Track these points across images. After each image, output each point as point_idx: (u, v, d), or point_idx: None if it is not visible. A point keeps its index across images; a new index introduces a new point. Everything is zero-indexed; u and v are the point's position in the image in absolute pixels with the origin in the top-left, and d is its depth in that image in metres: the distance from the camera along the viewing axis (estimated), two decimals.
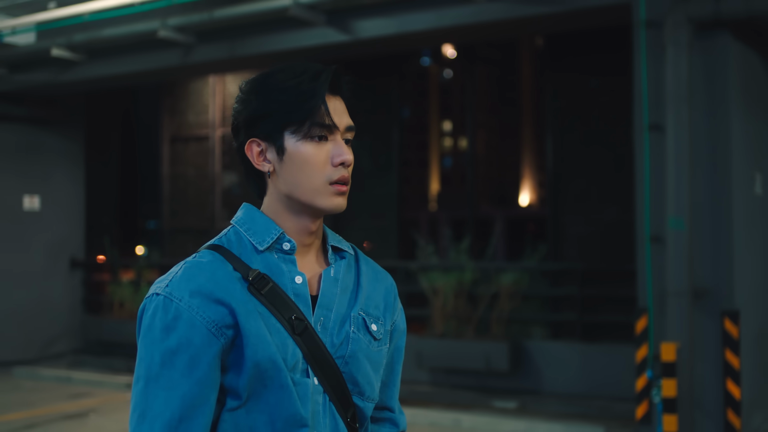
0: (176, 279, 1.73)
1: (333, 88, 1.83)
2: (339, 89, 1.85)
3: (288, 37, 9.78)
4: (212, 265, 1.75)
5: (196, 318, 1.69)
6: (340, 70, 1.84)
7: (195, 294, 1.70)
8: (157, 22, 10.02)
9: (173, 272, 1.77)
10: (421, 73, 11.96)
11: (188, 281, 1.72)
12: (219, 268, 1.75)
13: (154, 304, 1.72)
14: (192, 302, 1.70)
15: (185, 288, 1.71)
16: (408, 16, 9.11)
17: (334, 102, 1.82)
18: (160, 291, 1.73)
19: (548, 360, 10.06)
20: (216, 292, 1.71)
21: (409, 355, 10.54)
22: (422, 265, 10.86)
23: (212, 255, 1.78)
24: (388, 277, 2.02)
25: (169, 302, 1.70)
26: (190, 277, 1.73)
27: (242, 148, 1.83)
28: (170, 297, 1.71)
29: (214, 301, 1.70)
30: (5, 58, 11.51)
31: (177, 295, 1.70)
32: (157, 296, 1.72)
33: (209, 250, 1.80)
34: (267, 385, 1.72)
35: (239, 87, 1.87)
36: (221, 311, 1.70)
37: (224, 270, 1.75)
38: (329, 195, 1.79)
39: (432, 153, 11.58)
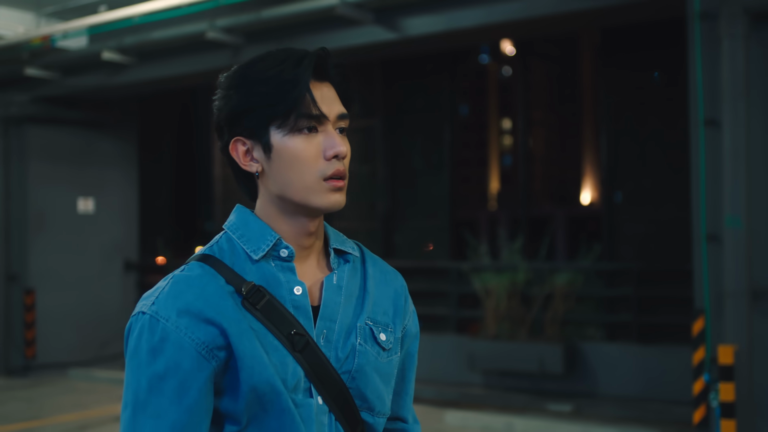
0: (163, 296, 1.59)
1: (319, 74, 1.67)
2: (326, 74, 1.68)
3: (336, 36, 9.70)
4: (202, 279, 1.61)
5: (185, 339, 1.55)
6: (325, 53, 1.68)
7: (183, 313, 1.56)
8: (205, 24, 10.02)
9: (160, 288, 1.63)
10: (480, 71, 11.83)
11: (176, 298, 1.58)
12: (209, 282, 1.61)
13: (140, 324, 1.58)
14: (180, 322, 1.56)
15: (172, 306, 1.57)
16: (456, 13, 8.97)
17: (321, 89, 1.65)
18: (146, 309, 1.59)
19: (604, 362, 9.85)
20: (206, 311, 1.57)
21: (461, 356, 10.41)
22: (474, 266, 10.71)
23: (202, 268, 1.63)
24: (397, 277, 1.87)
25: (155, 322, 1.56)
26: (177, 293, 1.59)
27: (227, 148, 1.69)
28: (156, 316, 1.57)
29: (204, 321, 1.56)
30: (58, 63, 11.60)
31: (164, 315, 1.56)
32: (142, 315, 1.59)
33: (199, 262, 1.65)
34: (267, 410, 1.58)
35: (218, 82, 1.71)
36: (212, 331, 1.56)
37: (215, 284, 1.60)
38: (324, 192, 1.64)
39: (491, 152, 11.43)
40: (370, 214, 12.46)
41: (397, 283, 1.85)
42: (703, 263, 7.31)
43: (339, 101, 1.69)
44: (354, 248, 1.80)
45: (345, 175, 1.66)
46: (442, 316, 11.26)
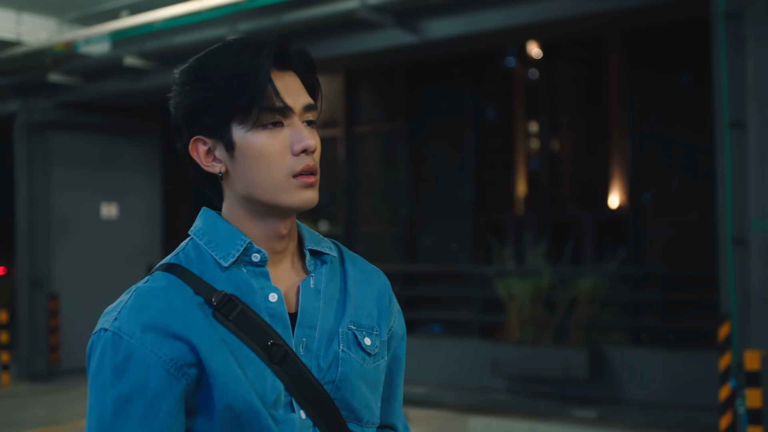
0: (126, 310, 1.47)
1: (282, 63, 1.55)
2: (290, 63, 1.57)
3: (357, 40, 9.66)
4: (167, 291, 1.49)
5: (151, 357, 1.44)
6: (286, 40, 1.57)
7: (148, 328, 1.45)
8: (226, 28, 10.00)
9: (122, 302, 1.51)
10: (506, 73, 11.72)
11: (139, 313, 1.46)
12: (175, 294, 1.49)
13: (102, 341, 1.47)
14: (145, 338, 1.44)
15: (136, 321, 1.45)
16: (478, 15, 8.90)
17: (284, 79, 1.54)
18: (108, 326, 1.47)
19: (629, 367, 9.73)
20: (173, 325, 1.45)
21: (484, 362, 10.32)
22: (497, 270, 10.62)
23: (167, 278, 1.51)
24: (380, 276, 1.75)
25: (118, 339, 1.45)
26: (141, 307, 1.47)
27: (186, 149, 1.57)
28: (119, 333, 1.45)
29: (171, 336, 1.45)
30: (80, 68, 11.63)
31: (127, 331, 1.45)
32: (104, 332, 1.47)
33: (164, 272, 1.53)
34: (245, 429, 1.47)
35: (173, 77, 1.60)
36: (180, 347, 1.45)
37: (182, 296, 1.49)
38: (294, 190, 1.52)
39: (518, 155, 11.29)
40: (393, 219, 12.40)
41: (380, 283, 1.73)
42: (729, 267, 7.19)
43: (305, 91, 1.58)
44: (331, 248, 1.69)
45: (316, 171, 1.56)
46: (465, 321, 11.18)
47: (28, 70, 11.76)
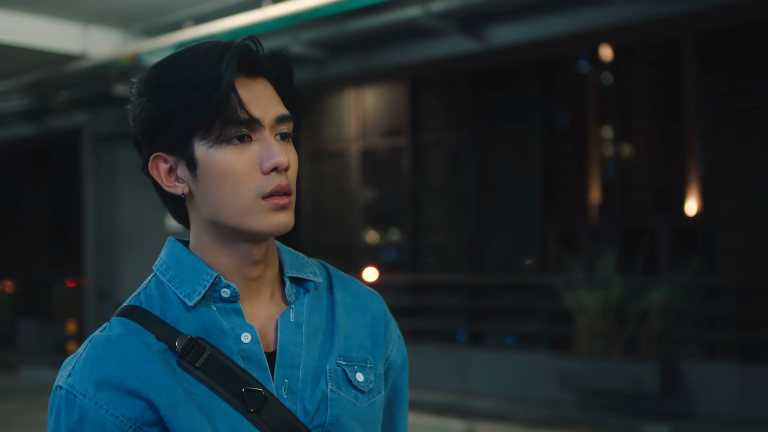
0: (79, 365, 1.32)
1: (251, 69, 1.37)
2: (259, 69, 1.38)
3: (420, 48, 9.55)
4: (123, 340, 1.32)
5: (107, 417, 1.29)
6: (255, 43, 1.39)
7: (102, 385, 1.30)
8: (289, 38, 9.97)
9: (78, 354, 1.35)
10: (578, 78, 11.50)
11: (92, 368, 1.31)
12: (132, 343, 1.32)
13: (57, 400, 1.32)
14: (99, 396, 1.29)
15: (89, 377, 1.30)
16: (542, 21, 8.73)
17: (253, 87, 1.36)
18: (63, 383, 1.32)
19: (703, 382, 9.42)
20: (128, 381, 1.30)
21: (552, 374, 10.11)
22: (566, 281, 10.38)
23: (124, 325, 1.35)
24: (375, 299, 1.55)
25: (72, 399, 1.30)
26: (94, 361, 1.31)
27: (147, 167, 1.40)
28: (73, 391, 1.30)
29: (127, 393, 1.30)
30: None
31: (80, 389, 1.30)
32: (59, 390, 1.32)
33: (121, 318, 1.37)
34: None
35: (130, 87, 1.43)
36: (138, 405, 1.29)
37: (140, 345, 1.32)
38: (264, 213, 1.34)
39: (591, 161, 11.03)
40: (458, 228, 12.24)
41: (374, 307, 1.53)
42: None
43: (278, 101, 1.39)
44: (316, 272, 1.49)
45: (290, 191, 1.36)
46: (532, 333, 10.97)
47: (94, 83, 11.88)
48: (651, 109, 11.66)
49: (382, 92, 12.87)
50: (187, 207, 1.42)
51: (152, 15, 10.70)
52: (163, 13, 10.61)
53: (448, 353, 11.07)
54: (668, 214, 11.11)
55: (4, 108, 13.77)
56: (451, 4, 8.74)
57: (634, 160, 11.86)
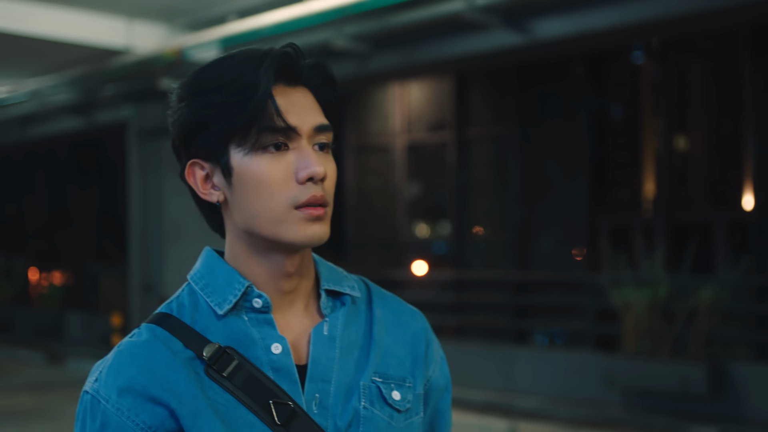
0: (105, 370, 1.31)
1: (289, 77, 1.35)
2: (299, 77, 1.36)
3: (464, 42, 9.45)
4: (149, 347, 1.31)
5: (127, 424, 1.28)
6: (295, 50, 1.36)
7: (125, 391, 1.28)
8: (332, 32, 9.91)
9: (106, 359, 1.34)
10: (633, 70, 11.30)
11: (116, 374, 1.30)
12: (157, 351, 1.31)
13: (83, 405, 1.32)
14: (122, 403, 1.28)
15: (113, 383, 1.29)
16: (589, 14, 8.58)
17: (291, 95, 1.34)
18: (89, 388, 1.32)
19: (753, 383, 9.20)
20: (151, 388, 1.28)
21: (598, 374, 9.95)
22: (613, 279, 10.20)
23: (152, 332, 1.34)
24: (416, 318, 1.51)
25: (96, 404, 1.29)
26: (119, 367, 1.30)
27: (184, 173, 1.39)
28: (97, 397, 1.29)
29: (149, 400, 1.28)
30: None
31: (104, 395, 1.29)
32: (86, 395, 1.32)
33: (150, 325, 1.36)
34: None
35: (169, 93, 1.41)
36: (159, 413, 1.27)
37: (165, 353, 1.30)
38: (298, 223, 1.31)
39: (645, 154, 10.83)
40: (504, 225, 12.10)
41: (415, 326, 1.49)
42: None
43: (317, 110, 1.37)
44: (354, 287, 1.46)
45: (325, 202, 1.34)
46: (578, 331, 10.81)
47: (139, 77, 11.92)
48: (707, 102, 11.42)
49: (427, 86, 12.76)
50: (223, 215, 1.40)
51: (196, 9, 10.71)
52: (207, 7, 10.62)
53: (492, 351, 10.94)
54: (724, 208, 10.87)
55: (52, 102, 13.90)
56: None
57: (690, 152, 11.62)
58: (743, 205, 10.43)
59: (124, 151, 13.44)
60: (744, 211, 10.43)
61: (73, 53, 11.41)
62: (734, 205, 10.70)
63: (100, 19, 10.75)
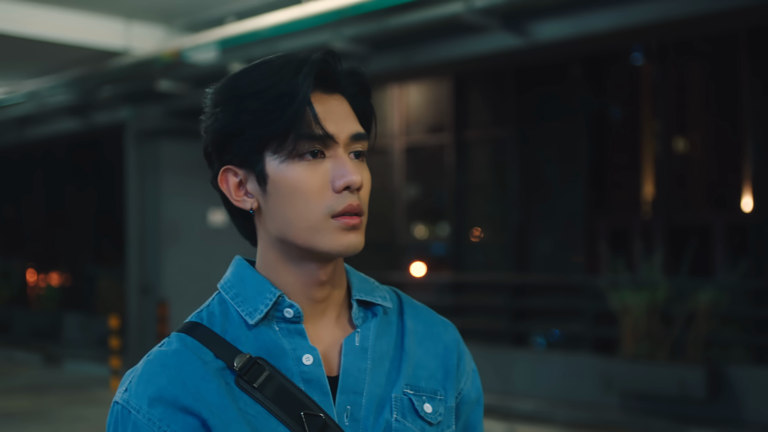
0: (135, 380, 1.30)
1: (328, 85, 1.34)
2: (337, 84, 1.35)
3: (463, 44, 9.42)
4: (179, 357, 1.29)
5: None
6: (333, 58, 1.34)
7: (155, 401, 1.27)
8: (330, 34, 9.89)
9: (135, 368, 1.33)
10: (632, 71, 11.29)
11: (147, 383, 1.28)
12: (188, 361, 1.29)
13: (114, 416, 1.30)
14: (153, 413, 1.26)
15: (143, 393, 1.27)
16: (588, 16, 8.55)
17: (328, 103, 1.32)
18: (119, 398, 1.30)
19: (751, 387, 9.19)
20: (182, 397, 1.26)
21: (596, 377, 9.93)
22: (612, 282, 10.18)
23: (182, 341, 1.32)
24: (449, 329, 1.49)
25: (126, 414, 1.28)
26: (149, 377, 1.29)
27: (216, 179, 1.37)
28: (127, 407, 1.28)
29: (180, 410, 1.26)
30: (188, 76, 11.71)
31: (134, 404, 1.28)
32: (116, 405, 1.30)
33: (180, 334, 1.34)
34: None
35: (204, 98, 1.41)
36: (191, 423, 1.26)
37: (196, 362, 1.29)
38: (333, 232, 1.30)
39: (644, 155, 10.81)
40: (502, 227, 12.08)
41: (447, 337, 1.47)
42: None
43: (354, 118, 1.35)
44: (386, 297, 1.44)
45: (361, 211, 1.32)
46: (576, 334, 10.79)
47: (137, 78, 11.90)
48: (706, 104, 11.40)
49: (425, 88, 12.74)
50: (255, 223, 1.38)
51: (194, 11, 10.69)
52: (206, 8, 10.59)
53: (490, 353, 10.92)
54: (723, 210, 10.85)
55: (50, 103, 13.87)
56: (495, 0, 8.61)
57: (689, 154, 11.61)
58: (742, 207, 10.42)
59: (122, 152, 13.40)
60: (743, 214, 10.41)
61: (71, 54, 11.39)
62: (733, 207, 10.68)
63: (97, 21, 10.72)
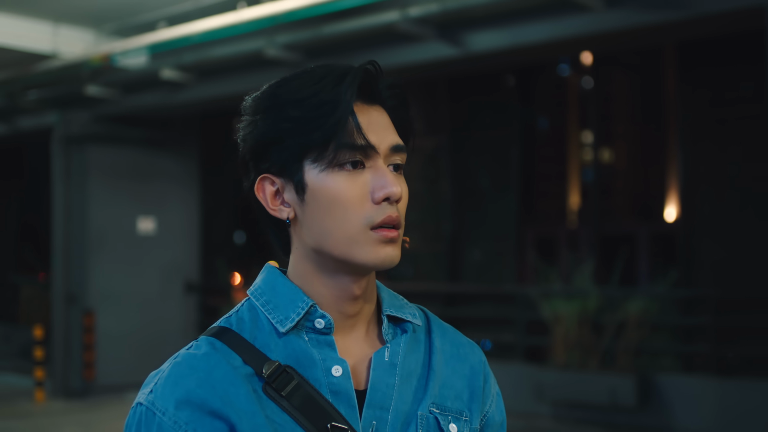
0: (161, 382, 1.28)
1: (369, 95, 1.33)
2: (378, 96, 1.35)
3: (397, 53, 9.39)
4: (209, 360, 1.28)
5: None
6: (375, 69, 1.34)
7: (182, 404, 1.25)
8: (264, 41, 9.79)
9: (161, 370, 1.31)
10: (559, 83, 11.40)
11: (174, 386, 1.26)
12: (217, 364, 1.28)
13: (137, 417, 1.27)
14: (179, 416, 1.24)
15: (170, 395, 1.25)
16: (522, 28, 8.58)
17: (370, 114, 1.32)
18: (143, 400, 1.28)
19: (680, 395, 9.32)
20: (211, 401, 1.25)
21: (529, 386, 9.98)
22: (542, 291, 10.25)
23: (211, 345, 1.30)
24: (475, 351, 1.49)
25: (151, 416, 1.25)
26: (177, 379, 1.27)
27: (252, 188, 1.36)
28: (153, 409, 1.26)
29: (208, 414, 1.24)
30: (118, 81, 11.48)
31: (160, 406, 1.25)
32: (140, 406, 1.28)
33: (209, 338, 1.33)
34: None
35: (243, 105, 1.38)
36: (219, 427, 1.24)
37: (225, 366, 1.28)
38: (371, 244, 1.29)
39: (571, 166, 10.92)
40: (435, 236, 12.09)
41: (474, 359, 1.47)
42: None
43: (393, 130, 1.35)
44: (415, 314, 1.43)
45: (399, 224, 1.31)
46: (508, 343, 10.83)
47: (65, 82, 11.64)
48: (631, 115, 11.58)
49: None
50: (291, 233, 1.37)
51: (125, 15, 10.49)
52: (136, 13, 10.40)
53: None
54: (648, 220, 11.03)
55: None
56: (430, 10, 8.59)
57: (614, 165, 11.77)
58: (666, 217, 10.59)
59: (48, 157, 13.10)
60: (667, 224, 10.59)
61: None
62: (658, 217, 10.85)
63: (24, 23, 10.46)
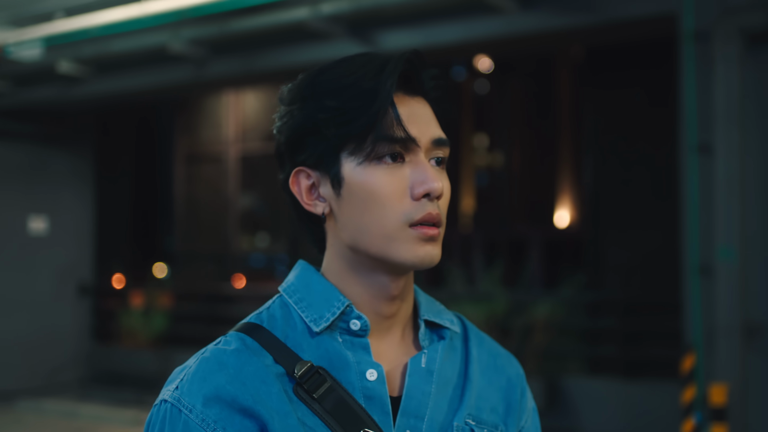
0: (188, 378, 1.21)
1: (410, 86, 1.26)
2: (420, 87, 1.27)
3: (307, 50, 9.25)
4: (239, 356, 1.22)
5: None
6: (418, 59, 1.26)
7: (211, 400, 1.18)
8: (168, 35, 9.52)
9: (187, 366, 1.24)
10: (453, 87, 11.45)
11: (202, 381, 1.19)
12: (249, 361, 1.21)
13: (161, 415, 1.20)
14: (208, 413, 1.17)
15: (198, 391, 1.19)
16: (435, 28, 8.54)
17: (410, 105, 1.25)
18: (168, 396, 1.21)
19: (586, 398, 9.42)
20: (241, 398, 1.18)
21: None
22: (449, 295, 10.23)
23: (242, 341, 1.24)
24: (512, 362, 1.43)
25: (176, 414, 1.19)
26: (205, 375, 1.20)
27: (287, 181, 1.29)
28: (179, 405, 1.19)
29: (238, 411, 1.18)
30: (10, 74, 11.04)
31: (187, 403, 1.19)
32: (164, 404, 1.21)
33: (240, 333, 1.25)
34: None
35: (279, 95, 1.30)
36: (249, 426, 1.17)
37: (257, 364, 1.21)
38: (410, 242, 1.22)
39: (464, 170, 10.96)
40: None
41: (511, 371, 1.41)
42: (695, 297, 6.91)
43: (436, 123, 1.28)
44: (453, 321, 1.38)
45: (440, 222, 1.24)
46: None
47: None
48: (526, 119, 11.69)
49: (263, 95, 12.50)
50: (326, 228, 1.31)
51: (19, 4, 10.07)
52: (32, 3, 10.00)
53: None
54: (541, 224, 11.14)
55: None
56: (341, 8, 8.48)
57: (508, 169, 11.86)
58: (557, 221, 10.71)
59: None
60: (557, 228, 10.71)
61: None
62: (549, 221, 10.97)
63: None
